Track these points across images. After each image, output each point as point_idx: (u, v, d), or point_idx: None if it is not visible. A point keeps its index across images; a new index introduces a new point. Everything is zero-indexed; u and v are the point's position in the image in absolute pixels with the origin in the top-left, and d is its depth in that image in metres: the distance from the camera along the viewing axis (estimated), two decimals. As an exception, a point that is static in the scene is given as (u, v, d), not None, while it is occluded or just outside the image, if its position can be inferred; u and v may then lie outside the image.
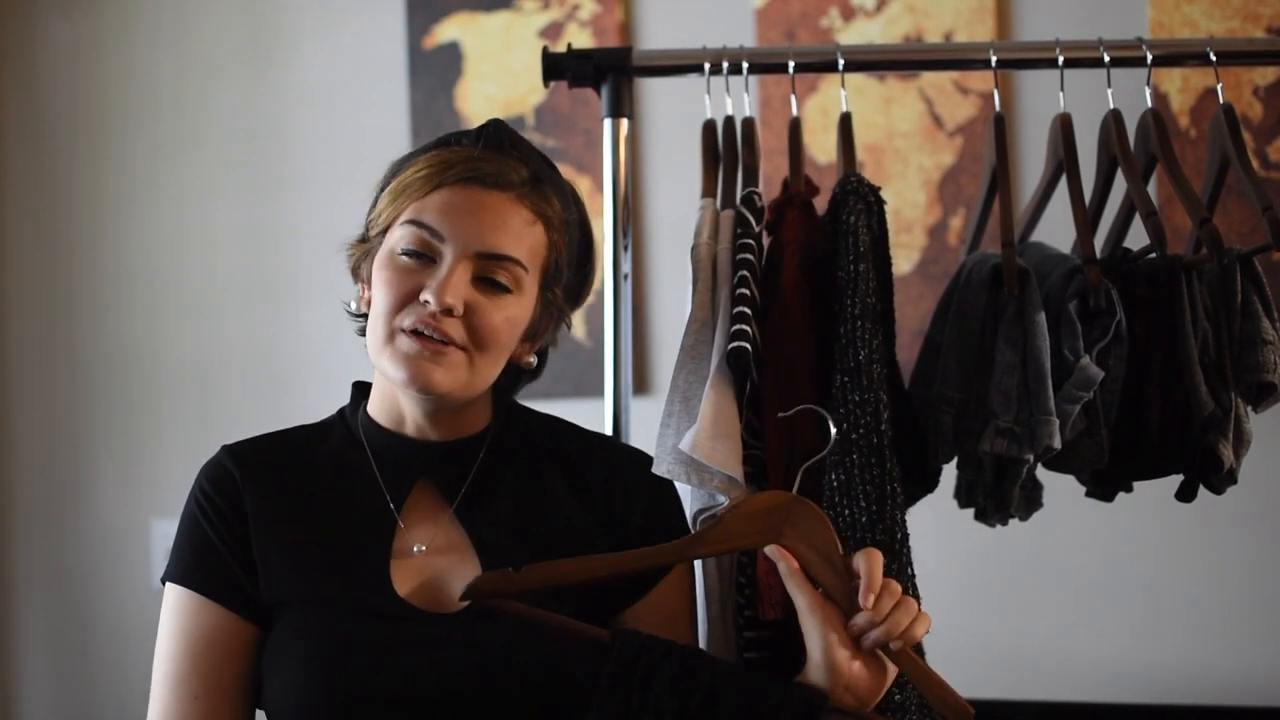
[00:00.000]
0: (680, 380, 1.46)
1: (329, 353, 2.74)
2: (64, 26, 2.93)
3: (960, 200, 2.42)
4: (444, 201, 1.27)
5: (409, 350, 1.27)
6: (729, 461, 1.37)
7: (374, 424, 1.36)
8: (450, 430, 1.35)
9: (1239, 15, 2.29)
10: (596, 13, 2.61)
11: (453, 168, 1.28)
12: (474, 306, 1.27)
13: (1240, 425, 1.51)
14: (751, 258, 1.48)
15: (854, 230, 1.47)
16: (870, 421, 1.43)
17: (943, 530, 1.85)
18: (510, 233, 1.28)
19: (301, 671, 1.25)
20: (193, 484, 1.36)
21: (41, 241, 2.95)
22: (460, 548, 1.32)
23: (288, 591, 1.30)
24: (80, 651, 2.92)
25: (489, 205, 1.28)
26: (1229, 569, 2.31)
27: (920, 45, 2.40)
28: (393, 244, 1.29)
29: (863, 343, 1.44)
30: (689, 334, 1.47)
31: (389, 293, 1.28)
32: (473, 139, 1.33)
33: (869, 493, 1.41)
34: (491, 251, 1.27)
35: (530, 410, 1.43)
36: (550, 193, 1.33)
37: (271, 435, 1.41)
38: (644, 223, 2.58)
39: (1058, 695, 2.32)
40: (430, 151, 1.32)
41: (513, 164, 1.30)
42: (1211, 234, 1.48)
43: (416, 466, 1.34)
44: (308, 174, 2.79)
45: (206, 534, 1.32)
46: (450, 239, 1.27)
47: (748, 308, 1.43)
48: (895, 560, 1.41)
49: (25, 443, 2.96)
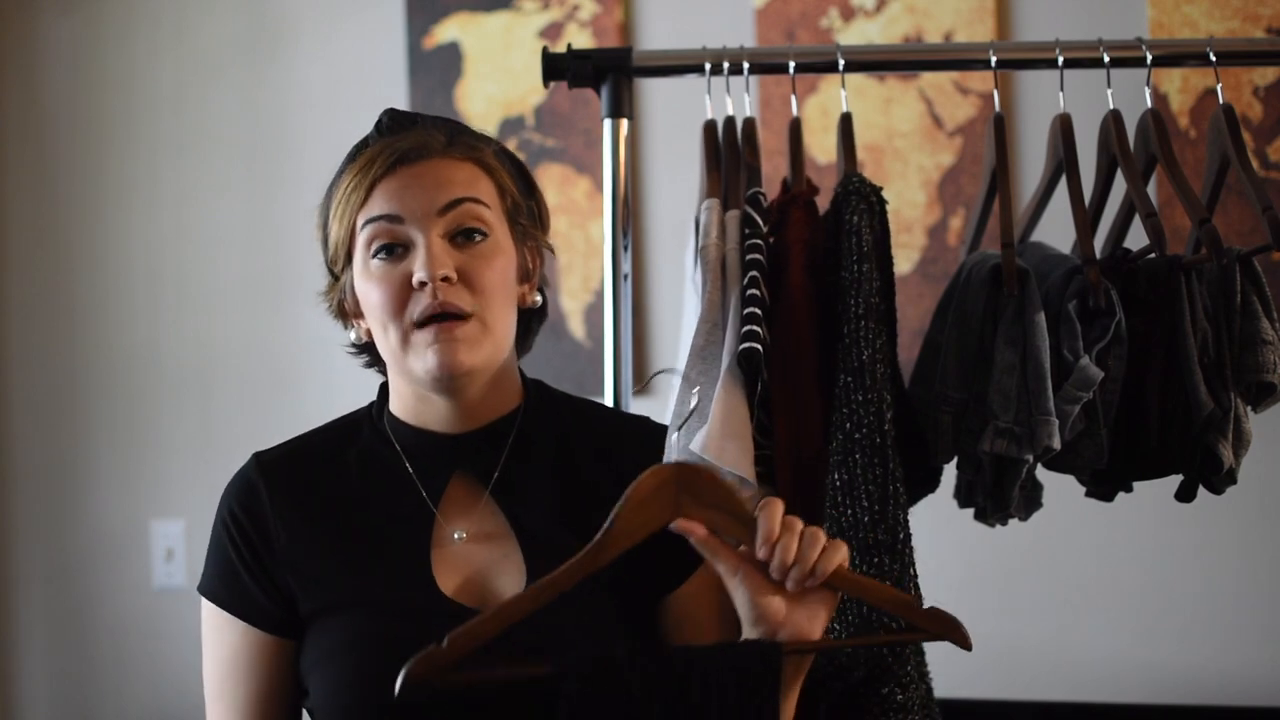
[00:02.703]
0: (691, 380, 1.46)
1: (329, 353, 2.72)
2: (64, 26, 2.93)
3: (960, 200, 2.42)
4: (384, 191, 1.29)
5: (428, 340, 1.27)
6: (740, 461, 1.37)
7: (401, 424, 1.36)
8: (479, 418, 1.34)
9: (1239, 15, 2.29)
10: (596, 13, 2.61)
11: (375, 161, 1.30)
12: (464, 268, 1.28)
13: (1240, 425, 1.51)
14: (761, 258, 1.48)
15: (857, 230, 1.47)
16: (874, 421, 1.42)
17: (943, 530, 1.85)
18: (457, 182, 1.29)
19: (346, 675, 1.25)
20: (222, 495, 1.36)
21: (41, 241, 2.95)
22: (500, 534, 1.31)
23: (330, 598, 1.29)
24: (80, 651, 2.92)
25: (426, 172, 1.29)
26: (1228, 569, 2.31)
27: (920, 45, 2.40)
28: (360, 256, 1.30)
29: (866, 343, 1.44)
30: (699, 334, 1.47)
31: (382, 294, 1.28)
32: (377, 134, 1.35)
33: (872, 492, 1.41)
34: (449, 200, 1.28)
35: (558, 391, 1.42)
36: (471, 140, 1.34)
37: (300, 440, 1.39)
38: (644, 223, 2.58)
39: (1056, 695, 2.32)
40: (349, 165, 1.34)
41: (427, 133, 1.32)
42: (1211, 234, 1.48)
43: (450, 460, 1.34)
44: (308, 174, 2.79)
45: (229, 555, 1.33)
46: (409, 215, 1.27)
47: (758, 308, 1.43)
48: (898, 560, 1.40)
49: (25, 443, 2.96)
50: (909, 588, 1.41)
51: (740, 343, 1.41)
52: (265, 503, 1.33)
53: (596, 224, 2.60)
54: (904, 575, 1.41)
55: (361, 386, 1.46)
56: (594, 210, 2.61)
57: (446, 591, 1.28)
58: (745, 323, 1.42)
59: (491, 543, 1.31)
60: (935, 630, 1.22)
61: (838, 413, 1.44)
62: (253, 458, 1.36)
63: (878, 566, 1.40)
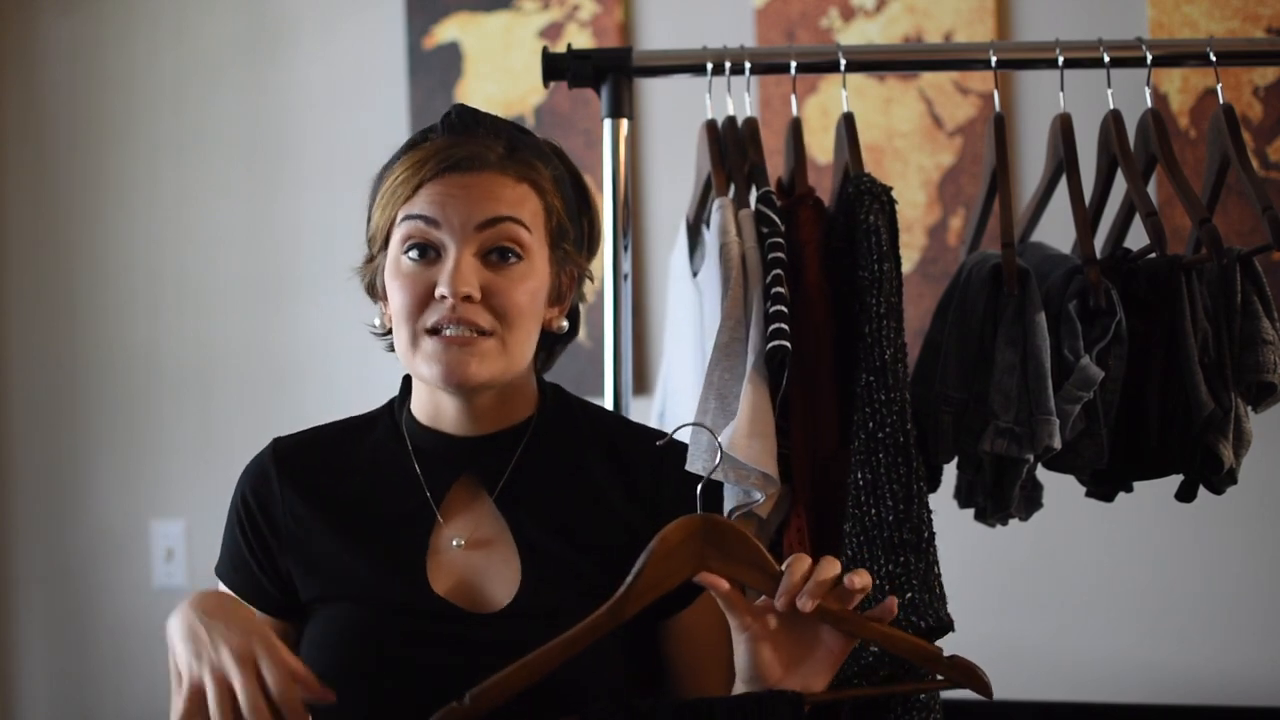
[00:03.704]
0: (715, 378, 1.46)
1: (329, 353, 2.74)
2: (64, 26, 2.93)
3: (960, 200, 2.42)
4: (430, 194, 1.28)
5: (436, 350, 1.27)
6: (764, 459, 1.38)
7: (415, 421, 1.37)
8: (492, 423, 1.34)
9: (1239, 15, 2.29)
10: (596, 13, 2.61)
11: (428, 163, 1.29)
12: (491, 287, 1.27)
13: (1240, 425, 1.51)
14: (783, 255, 1.48)
15: (875, 230, 1.47)
16: (896, 420, 1.42)
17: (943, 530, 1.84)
18: (503, 200, 1.28)
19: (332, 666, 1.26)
20: (239, 478, 1.38)
21: (41, 241, 2.95)
22: (500, 541, 1.31)
23: (326, 587, 1.31)
24: (80, 651, 2.92)
25: (474, 184, 1.28)
26: (1228, 569, 2.31)
27: (920, 45, 2.40)
28: (395, 248, 1.30)
29: (888, 341, 1.44)
30: (724, 331, 1.47)
31: (404, 296, 1.28)
32: (441, 130, 1.33)
33: (896, 491, 1.41)
34: (488, 218, 1.27)
35: (580, 400, 1.42)
36: (530, 157, 1.32)
37: (318, 430, 1.41)
38: (644, 223, 2.58)
39: (1056, 695, 2.32)
40: (406, 154, 1.33)
41: (486, 142, 1.30)
42: (1211, 234, 1.48)
43: (457, 462, 1.34)
44: (308, 174, 2.79)
45: (238, 540, 1.36)
46: (446, 224, 1.27)
47: (784, 306, 1.43)
48: (923, 559, 1.40)
49: (25, 443, 2.96)
50: (934, 586, 1.41)
51: (768, 341, 1.41)
52: (275, 489, 1.35)
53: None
54: (929, 574, 1.41)
55: (362, 386, 1.46)
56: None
57: (439, 591, 1.29)
58: (772, 320, 1.42)
59: (489, 548, 1.32)
60: (956, 678, 1.22)
61: (860, 412, 1.44)
62: (271, 443, 1.39)
63: (903, 566, 1.40)
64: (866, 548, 1.41)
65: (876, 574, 1.40)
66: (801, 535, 1.45)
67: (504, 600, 1.28)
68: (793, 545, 1.45)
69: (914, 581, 1.39)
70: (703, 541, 1.16)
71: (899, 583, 1.39)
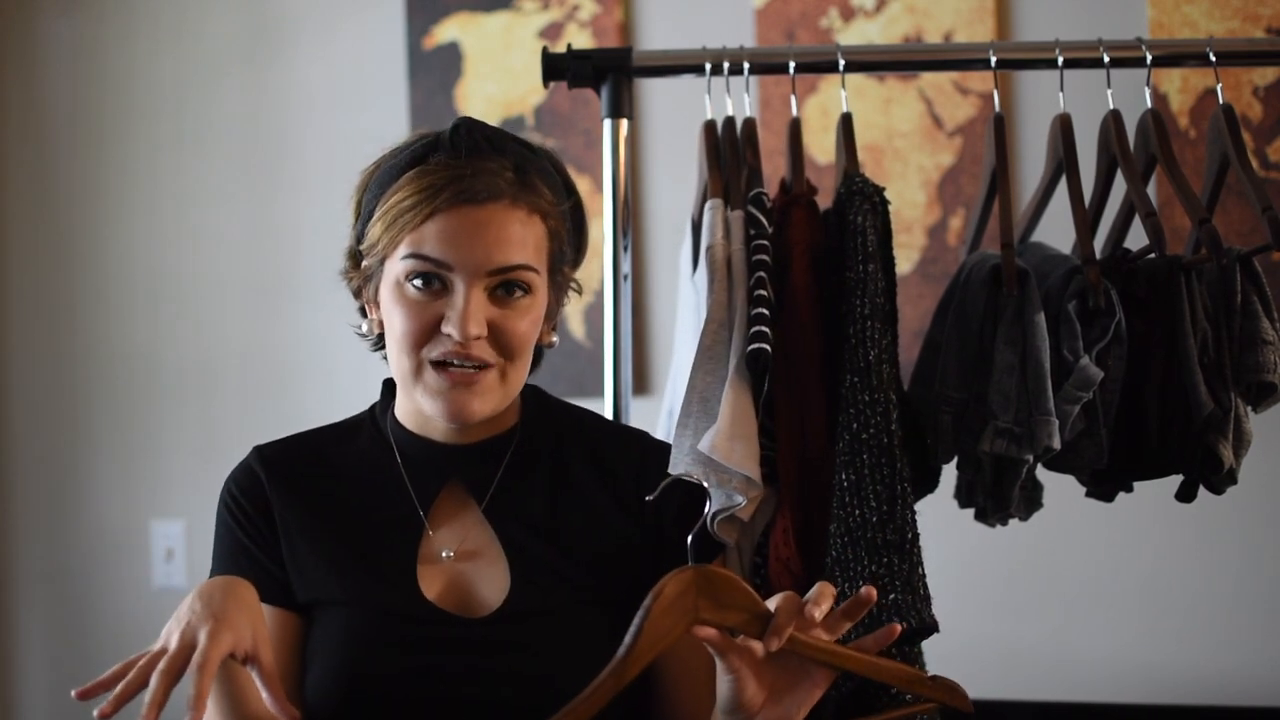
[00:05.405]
0: (698, 381, 1.46)
1: (329, 353, 2.74)
2: (64, 26, 2.93)
3: (960, 200, 2.42)
4: (441, 229, 1.24)
5: (441, 386, 1.26)
6: (747, 462, 1.38)
7: (401, 428, 1.36)
8: (478, 432, 1.34)
9: (1239, 15, 2.29)
10: (596, 13, 2.61)
11: (441, 191, 1.24)
12: (497, 323, 1.26)
13: (1240, 425, 1.51)
14: (767, 258, 1.48)
15: (862, 231, 1.47)
16: (880, 421, 1.43)
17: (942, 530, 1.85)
18: (515, 242, 1.26)
19: (326, 669, 1.27)
20: (222, 486, 1.37)
21: (42, 241, 2.95)
22: (489, 550, 1.32)
23: (319, 592, 1.31)
24: (80, 651, 2.92)
25: (487, 222, 1.25)
26: (1228, 569, 2.31)
27: (920, 45, 2.40)
28: (398, 274, 1.27)
29: (872, 343, 1.44)
30: (706, 334, 1.47)
31: (408, 325, 1.26)
32: (448, 147, 1.28)
33: (879, 493, 1.41)
34: (501, 266, 1.26)
35: (560, 402, 1.42)
36: (537, 182, 1.30)
37: (301, 436, 1.40)
38: (644, 223, 2.58)
39: (1056, 695, 2.32)
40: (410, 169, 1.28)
41: (495, 166, 1.26)
42: (1211, 234, 1.48)
43: (445, 469, 1.34)
44: (308, 174, 2.79)
45: (238, 536, 1.34)
46: (458, 266, 1.24)
47: (765, 309, 1.43)
48: (906, 560, 1.40)
49: (25, 443, 2.96)
50: (918, 588, 1.41)
51: (749, 343, 1.41)
52: (266, 492, 1.34)
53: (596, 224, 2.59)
54: (913, 574, 1.41)
55: (361, 387, 1.46)
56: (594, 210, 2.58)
57: (429, 596, 1.29)
58: (753, 323, 1.42)
59: (478, 555, 1.32)
60: (940, 698, 1.24)
61: (844, 413, 1.44)
62: (254, 450, 1.38)
63: (887, 566, 1.40)
64: (850, 549, 1.41)
65: (860, 575, 1.40)
66: (787, 536, 1.45)
67: (494, 604, 1.29)
68: (779, 547, 1.45)
69: (897, 583, 1.39)
70: (695, 595, 1.16)
71: (882, 584, 1.39)
